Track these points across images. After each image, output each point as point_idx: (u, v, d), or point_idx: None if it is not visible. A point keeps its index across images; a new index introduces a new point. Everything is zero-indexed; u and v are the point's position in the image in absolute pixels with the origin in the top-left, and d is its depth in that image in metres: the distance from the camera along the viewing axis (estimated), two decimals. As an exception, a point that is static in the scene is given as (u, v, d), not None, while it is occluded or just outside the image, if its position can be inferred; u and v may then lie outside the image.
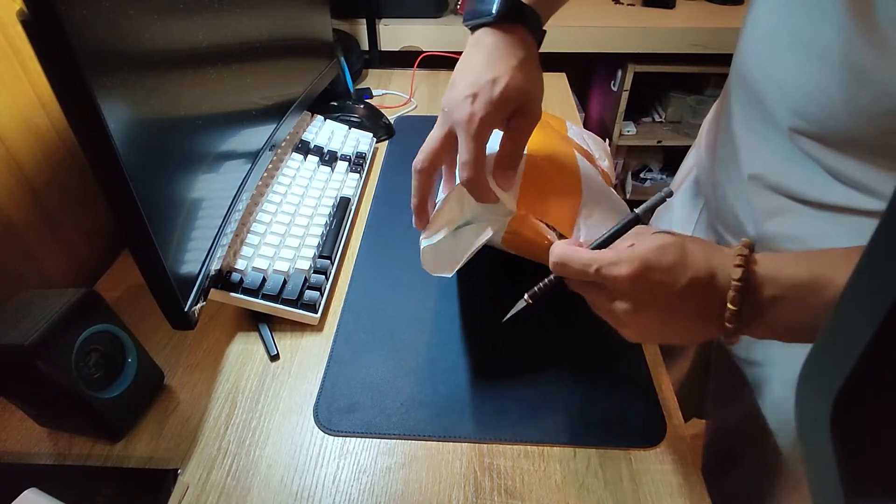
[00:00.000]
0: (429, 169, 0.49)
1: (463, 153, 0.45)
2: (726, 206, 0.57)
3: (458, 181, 0.47)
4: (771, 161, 0.50)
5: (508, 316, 0.47)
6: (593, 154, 0.66)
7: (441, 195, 0.56)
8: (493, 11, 0.47)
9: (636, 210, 0.42)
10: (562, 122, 0.72)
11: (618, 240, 0.43)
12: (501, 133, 0.49)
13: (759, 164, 0.51)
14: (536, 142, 0.57)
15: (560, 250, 0.41)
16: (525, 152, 0.54)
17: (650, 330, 0.40)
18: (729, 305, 0.36)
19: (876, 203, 0.43)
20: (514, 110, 0.47)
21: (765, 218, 0.52)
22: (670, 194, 0.42)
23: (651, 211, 0.42)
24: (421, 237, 0.54)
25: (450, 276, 0.51)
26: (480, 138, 0.45)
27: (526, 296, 0.45)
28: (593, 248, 0.42)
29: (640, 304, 0.38)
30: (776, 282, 0.36)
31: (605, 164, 0.67)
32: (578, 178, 0.55)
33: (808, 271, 0.35)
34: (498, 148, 0.49)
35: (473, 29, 0.49)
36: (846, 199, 0.45)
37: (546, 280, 0.45)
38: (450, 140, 0.47)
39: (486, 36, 0.48)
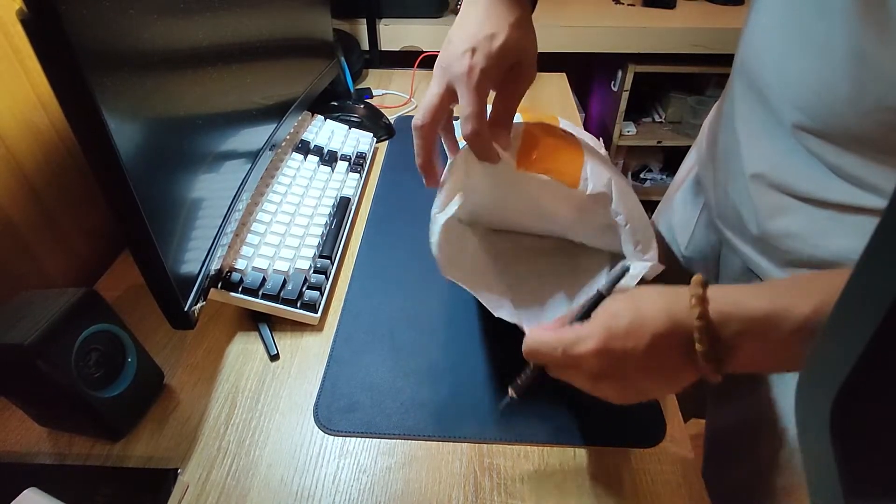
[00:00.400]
0: (430, 125, 0.48)
1: (465, 106, 0.45)
2: (728, 205, 0.57)
3: (459, 143, 0.47)
4: (773, 159, 0.50)
5: (501, 406, 0.48)
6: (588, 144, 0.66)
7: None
8: None
9: (599, 288, 0.42)
10: (554, 118, 0.71)
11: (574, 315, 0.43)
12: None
13: (762, 161, 0.51)
14: (530, 118, 0.56)
15: (528, 339, 0.42)
16: (521, 121, 0.53)
17: (635, 393, 0.40)
18: (697, 347, 0.36)
19: (879, 201, 0.43)
20: (511, 67, 0.47)
21: (767, 216, 0.52)
22: (627, 269, 0.43)
23: (614, 285, 0.42)
24: (434, 210, 0.51)
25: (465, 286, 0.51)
26: (481, 91, 0.45)
27: (510, 391, 0.46)
28: (570, 323, 0.42)
29: (615, 374, 0.39)
30: (736, 317, 0.35)
31: (603, 152, 0.67)
32: (578, 141, 0.54)
33: (769, 302, 0.35)
34: (491, 108, 0.49)
35: None
36: (850, 197, 0.44)
37: (525, 371, 0.45)
38: (449, 95, 0.47)
39: None
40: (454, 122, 0.53)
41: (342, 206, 0.73)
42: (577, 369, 0.40)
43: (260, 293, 0.59)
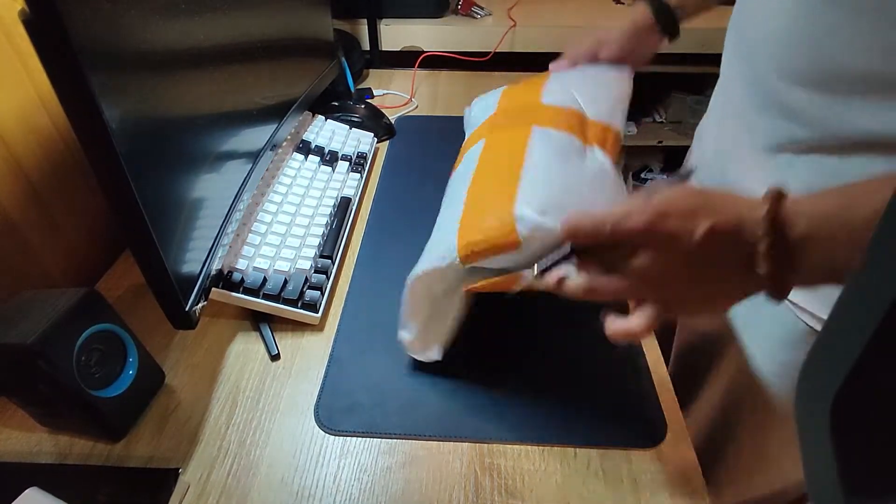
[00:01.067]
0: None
1: (608, 41, 0.74)
2: (739, 189, 0.57)
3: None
4: (778, 122, 0.49)
5: (515, 291, 0.45)
6: (584, 111, 0.60)
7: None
8: None
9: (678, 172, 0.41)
10: (540, 82, 0.68)
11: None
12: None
13: (767, 129, 0.51)
14: (489, 145, 0.58)
15: (570, 217, 0.39)
16: (472, 170, 0.55)
17: (677, 290, 0.37)
18: (760, 246, 0.32)
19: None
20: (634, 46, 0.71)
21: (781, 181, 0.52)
22: (692, 171, 0.41)
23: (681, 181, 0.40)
24: (399, 333, 0.54)
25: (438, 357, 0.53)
26: (617, 45, 0.69)
27: (535, 268, 0.43)
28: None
29: (660, 259, 0.35)
30: (805, 213, 0.32)
31: (603, 109, 0.62)
32: (520, 166, 0.51)
33: (838, 194, 0.33)
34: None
35: None
36: (867, 135, 0.43)
37: (555, 253, 0.42)
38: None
39: None
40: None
41: (343, 206, 0.73)
42: (618, 252, 0.37)
43: (261, 293, 0.59)
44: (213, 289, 0.57)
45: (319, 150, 0.82)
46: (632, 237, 0.36)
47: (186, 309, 0.49)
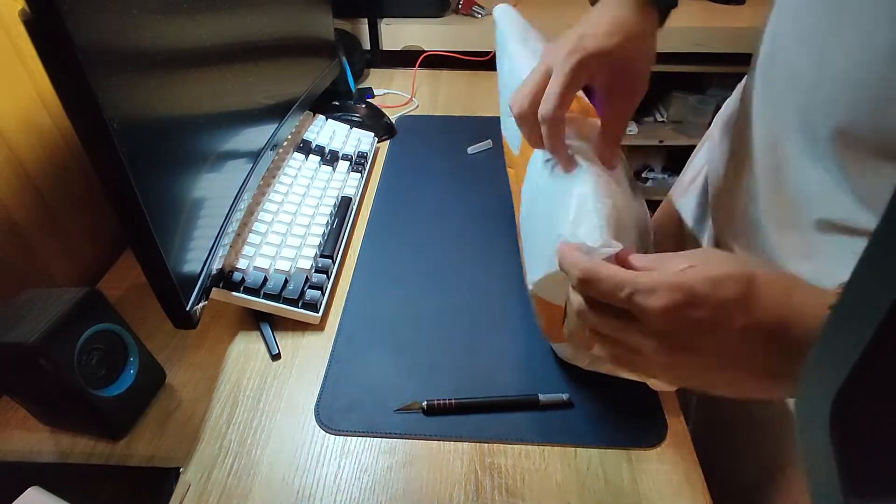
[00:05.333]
0: (529, 111, 0.44)
1: (553, 85, 0.41)
2: (745, 224, 0.52)
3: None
4: (801, 185, 0.43)
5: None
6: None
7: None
8: None
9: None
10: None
11: (675, 257, 0.34)
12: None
13: (818, 198, 0.43)
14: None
15: (589, 265, 0.34)
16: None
17: (689, 376, 0.33)
18: None
19: None
20: (620, 73, 0.44)
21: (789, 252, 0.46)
22: None
23: None
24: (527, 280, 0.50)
25: None
26: (574, 76, 0.41)
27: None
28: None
29: (673, 345, 0.31)
30: None
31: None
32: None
33: None
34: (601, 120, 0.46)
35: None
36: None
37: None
38: (544, 79, 0.43)
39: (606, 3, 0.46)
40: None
41: (343, 205, 0.73)
42: (631, 320, 0.33)
43: (261, 293, 0.59)
44: (214, 288, 0.58)
45: (320, 150, 0.82)
46: (645, 315, 0.32)
47: (187, 308, 0.49)
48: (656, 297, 0.31)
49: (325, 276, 0.63)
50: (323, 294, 0.61)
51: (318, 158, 0.80)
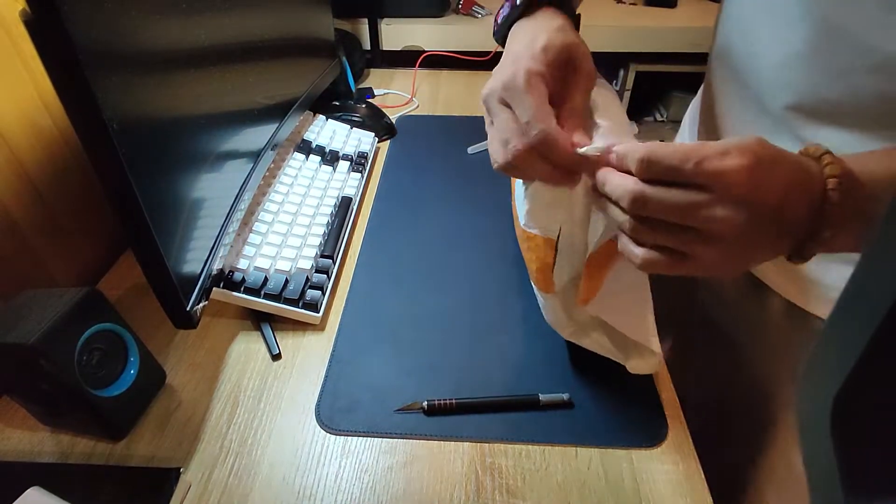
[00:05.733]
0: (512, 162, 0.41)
1: (522, 114, 0.38)
2: None
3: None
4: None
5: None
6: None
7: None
8: (518, 3, 0.46)
9: None
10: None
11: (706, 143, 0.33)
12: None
13: None
14: None
15: (646, 146, 0.33)
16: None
17: (741, 247, 0.33)
18: (831, 194, 0.31)
19: None
20: (564, 66, 0.41)
21: None
22: None
23: None
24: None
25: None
26: (537, 90, 0.38)
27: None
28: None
29: (753, 209, 0.31)
30: (863, 177, 0.32)
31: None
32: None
33: (890, 161, 0.33)
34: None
35: (505, 33, 0.47)
36: None
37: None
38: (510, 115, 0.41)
39: (518, 26, 0.46)
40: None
41: (344, 205, 0.73)
42: (699, 193, 0.32)
43: (262, 293, 0.59)
44: (215, 288, 0.58)
45: (320, 150, 0.82)
46: (725, 179, 0.31)
47: (188, 308, 0.49)
48: (731, 158, 0.31)
49: (325, 276, 0.63)
50: (323, 294, 0.61)
51: (319, 158, 0.80)
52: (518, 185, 0.54)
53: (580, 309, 0.49)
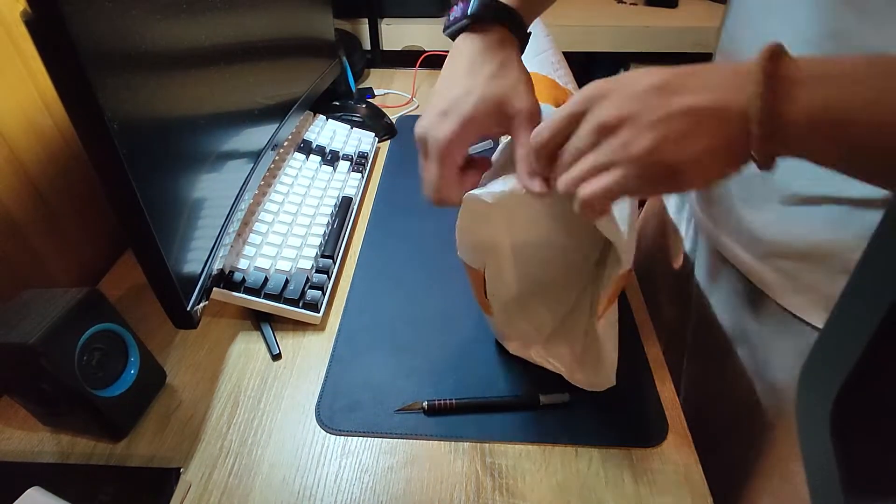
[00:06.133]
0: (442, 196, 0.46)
1: (427, 180, 0.44)
2: (721, 206, 0.57)
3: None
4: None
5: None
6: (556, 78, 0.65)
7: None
8: (469, 13, 0.45)
9: None
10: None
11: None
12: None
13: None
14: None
15: (536, 130, 0.38)
16: None
17: (650, 128, 0.33)
18: (752, 134, 0.31)
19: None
20: (498, 113, 0.43)
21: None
22: None
23: None
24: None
25: None
26: (447, 161, 0.43)
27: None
28: None
29: (624, 91, 0.35)
30: (804, 60, 0.31)
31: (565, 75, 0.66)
32: None
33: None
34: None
35: (453, 36, 0.47)
36: (861, 191, 0.42)
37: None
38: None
39: (463, 42, 0.46)
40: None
41: (344, 205, 0.73)
42: (587, 130, 0.35)
43: (262, 293, 0.59)
44: (215, 288, 0.58)
45: (321, 150, 0.82)
46: (581, 94, 0.36)
47: (188, 308, 0.49)
48: (580, 92, 0.36)
49: (325, 276, 0.63)
50: (323, 294, 0.61)
51: (319, 158, 0.80)
52: None
53: (520, 327, 0.54)
